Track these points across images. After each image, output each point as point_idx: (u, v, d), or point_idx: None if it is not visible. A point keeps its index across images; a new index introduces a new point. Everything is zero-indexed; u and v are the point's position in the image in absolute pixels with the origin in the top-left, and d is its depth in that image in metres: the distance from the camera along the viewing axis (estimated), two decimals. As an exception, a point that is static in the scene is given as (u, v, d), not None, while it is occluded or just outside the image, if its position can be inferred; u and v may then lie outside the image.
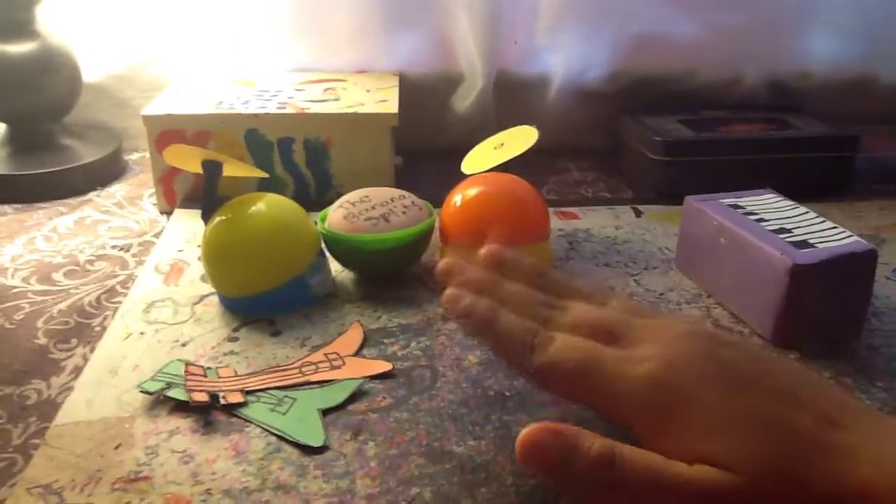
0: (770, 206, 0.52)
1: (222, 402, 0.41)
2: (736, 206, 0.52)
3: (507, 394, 0.43)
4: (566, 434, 0.31)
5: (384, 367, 0.45)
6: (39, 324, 0.50)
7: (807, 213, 0.51)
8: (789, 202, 0.53)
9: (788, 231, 0.48)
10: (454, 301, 0.37)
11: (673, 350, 0.33)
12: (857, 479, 0.28)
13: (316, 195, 0.67)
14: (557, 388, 0.35)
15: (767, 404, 0.31)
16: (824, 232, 0.48)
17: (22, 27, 0.69)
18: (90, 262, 0.58)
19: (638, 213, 0.66)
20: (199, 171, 0.51)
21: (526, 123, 0.60)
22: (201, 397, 0.41)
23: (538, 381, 0.35)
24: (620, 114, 0.77)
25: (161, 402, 0.42)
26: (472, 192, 0.54)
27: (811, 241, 0.47)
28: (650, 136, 0.69)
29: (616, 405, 0.33)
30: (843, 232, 0.48)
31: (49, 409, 0.42)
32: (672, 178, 0.68)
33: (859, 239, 0.47)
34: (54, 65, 0.70)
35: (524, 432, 0.31)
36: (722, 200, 0.53)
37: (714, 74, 0.81)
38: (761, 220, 0.50)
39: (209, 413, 0.41)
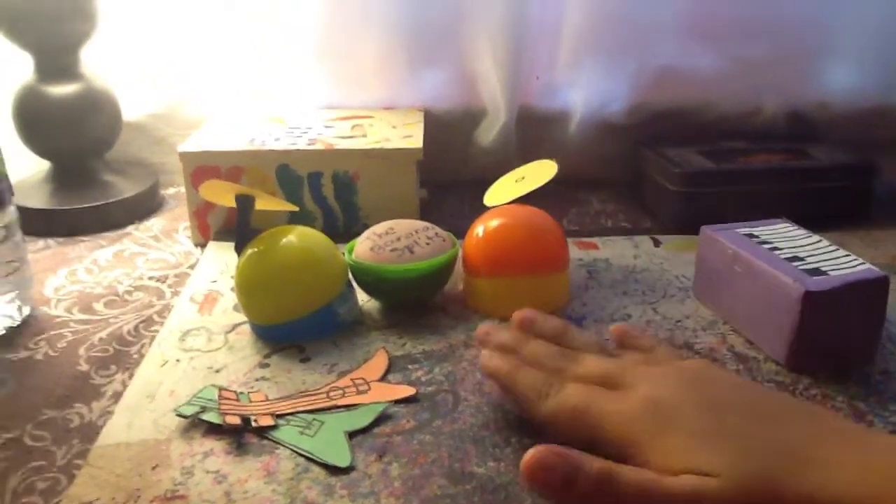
0: (784, 235, 0.53)
1: (254, 424, 0.43)
2: (751, 236, 0.53)
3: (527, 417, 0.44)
4: (569, 455, 0.34)
5: (408, 391, 0.46)
6: (81, 351, 0.52)
7: (820, 241, 0.52)
8: (803, 231, 0.54)
9: (801, 259, 0.49)
10: (485, 362, 0.44)
11: (662, 386, 0.38)
12: (839, 489, 0.30)
13: (344, 227, 0.69)
14: (562, 430, 0.39)
15: (747, 422, 0.34)
16: (837, 260, 0.49)
17: (67, 70, 0.73)
18: (129, 292, 0.61)
19: (656, 243, 0.67)
20: (233, 205, 0.53)
21: (547, 156, 0.62)
22: (234, 420, 0.43)
23: (548, 425, 0.39)
24: (640, 146, 0.78)
25: (196, 425, 0.43)
26: (494, 223, 0.56)
27: (824, 269, 0.48)
28: (669, 167, 0.71)
29: (610, 436, 0.36)
30: (856, 259, 0.49)
31: (90, 431, 0.44)
32: (692, 209, 0.69)
33: (871, 266, 0.48)
34: (97, 105, 0.74)
35: (529, 453, 0.34)
36: (737, 230, 0.54)
37: (733, 106, 0.82)
38: (775, 248, 0.51)
39: (241, 435, 0.43)
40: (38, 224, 0.71)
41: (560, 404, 0.39)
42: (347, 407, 0.45)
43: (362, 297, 0.57)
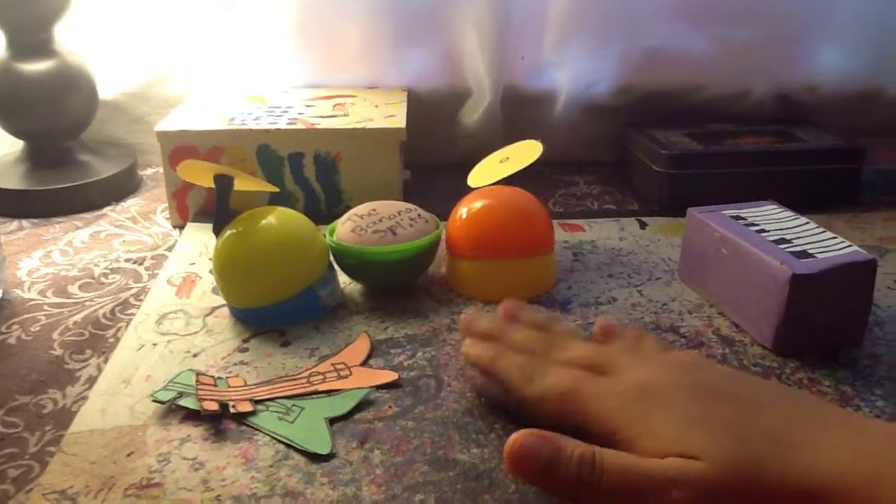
0: (771, 217, 0.53)
1: (232, 410, 0.42)
2: (738, 218, 0.52)
3: (511, 405, 0.43)
4: (551, 439, 0.34)
5: (390, 376, 0.46)
6: (55, 335, 0.51)
7: (807, 223, 0.52)
8: (790, 213, 0.53)
9: (789, 241, 0.49)
10: (465, 349, 0.44)
11: (650, 371, 0.37)
12: (825, 474, 0.30)
13: (326, 209, 0.68)
14: (550, 415, 0.38)
15: (735, 408, 0.34)
16: (824, 242, 0.49)
17: (41, 47, 0.71)
18: (104, 275, 0.59)
19: (643, 225, 0.67)
20: (212, 185, 0.52)
21: (533, 137, 0.61)
22: (212, 406, 0.42)
23: (534, 410, 0.39)
24: (628, 128, 0.78)
25: (173, 410, 0.42)
26: (478, 204, 0.55)
27: (811, 252, 0.47)
28: (657, 149, 0.70)
29: (597, 421, 0.36)
30: (843, 242, 0.48)
31: (64, 417, 0.43)
32: (679, 190, 0.69)
33: (859, 249, 0.47)
34: (72, 83, 0.72)
35: (512, 438, 0.34)
36: (724, 212, 0.53)
37: (721, 88, 0.81)
38: (762, 230, 0.50)
39: (220, 422, 0.42)
40: (11, 205, 0.69)
41: (547, 388, 0.38)
42: (328, 392, 0.44)
43: (344, 280, 0.56)
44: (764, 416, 0.33)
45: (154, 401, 0.43)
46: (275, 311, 0.51)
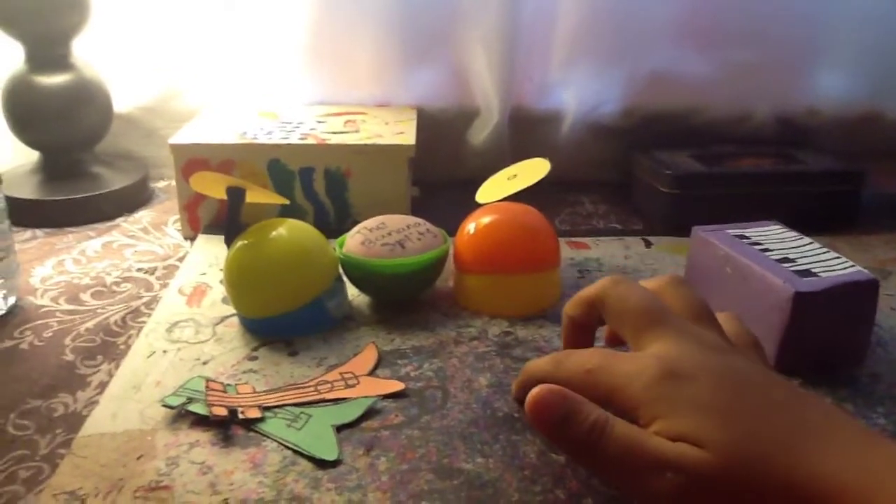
0: (775, 237, 0.53)
1: (241, 416, 0.42)
2: (742, 237, 0.53)
3: (516, 415, 0.44)
4: (571, 399, 0.35)
5: (397, 386, 0.46)
6: (67, 341, 0.52)
7: (811, 243, 0.52)
8: (794, 233, 0.54)
9: (792, 261, 0.49)
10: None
11: (680, 350, 0.36)
12: (830, 481, 0.30)
13: (335, 223, 0.69)
14: (578, 390, 0.37)
15: (754, 402, 0.34)
16: (828, 262, 0.49)
17: (59, 61, 0.72)
18: (116, 283, 0.60)
19: (647, 244, 0.68)
20: (224, 197, 0.53)
21: (540, 157, 0.62)
22: (221, 412, 0.42)
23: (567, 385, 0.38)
24: (632, 148, 0.79)
25: (182, 416, 0.43)
26: (486, 220, 0.56)
27: (814, 271, 0.48)
28: (661, 169, 0.71)
29: (622, 398, 0.36)
30: (846, 262, 0.49)
31: (75, 421, 0.43)
32: (682, 210, 0.70)
33: (862, 269, 0.48)
34: (87, 96, 0.73)
35: (535, 390, 0.35)
36: (728, 231, 0.54)
37: (724, 111, 0.82)
38: (766, 250, 0.51)
39: (228, 427, 0.42)
40: (26, 214, 0.70)
41: (576, 366, 0.38)
42: (335, 401, 0.45)
43: (352, 292, 0.57)
44: (781, 414, 0.33)
45: (164, 406, 0.43)
46: (284, 321, 0.51)
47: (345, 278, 0.55)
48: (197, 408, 0.43)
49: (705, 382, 0.35)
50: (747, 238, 0.53)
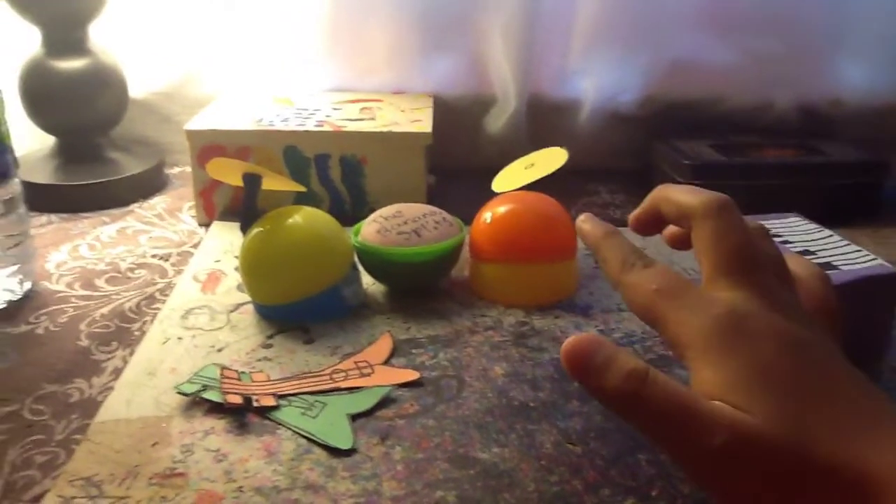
0: (795, 230, 0.52)
1: (255, 404, 0.42)
2: (762, 228, 0.52)
3: (532, 404, 0.44)
4: (608, 347, 0.32)
5: (412, 375, 0.46)
6: (82, 327, 0.52)
7: (831, 236, 0.51)
8: (814, 225, 0.53)
9: (813, 253, 0.49)
10: (579, 223, 0.40)
11: (751, 305, 0.33)
12: (880, 471, 0.28)
13: (351, 211, 0.69)
14: (636, 309, 0.36)
15: (814, 378, 0.31)
16: (848, 255, 0.48)
17: (75, 45, 0.72)
18: (131, 269, 0.60)
19: (666, 235, 0.67)
20: (240, 183, 0.52)
21: (557, 145, 0.61)
22: (236, 399, 0.42)
23: (624, 297, 0.36)
24: (651, 137, 0.78)
25: (197, 403, 0.43)
26: (502, 209, 0.55)
27: (835, 263, 0.47)
28: (680, 159, 0.70)
29: (675, 331, 0.33)
30: (868, 255, 0.48)
31: (90, 407, 0.43)
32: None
33: (884, 262, 0.47)
34: (104, 81, 0.73)
35: (571, 338, 0.33)
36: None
37: (745, 100, 0.81)
38: (787, 241, 0.50)
39: (243, 415, 0.42)
40: (41, 199, 0.70)
41: (640, 281, 0.35)
42: (350, 389, 0.44)
43: (368, 281, 0.56)
44: (837, 397, 0.31)
45: (178, 393, 0.43)
46: (299, 308, 0.51)
47: (360, 267, 0.55)
48: (212, 395, 0.43)
49: (768, 348, 0.32)
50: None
